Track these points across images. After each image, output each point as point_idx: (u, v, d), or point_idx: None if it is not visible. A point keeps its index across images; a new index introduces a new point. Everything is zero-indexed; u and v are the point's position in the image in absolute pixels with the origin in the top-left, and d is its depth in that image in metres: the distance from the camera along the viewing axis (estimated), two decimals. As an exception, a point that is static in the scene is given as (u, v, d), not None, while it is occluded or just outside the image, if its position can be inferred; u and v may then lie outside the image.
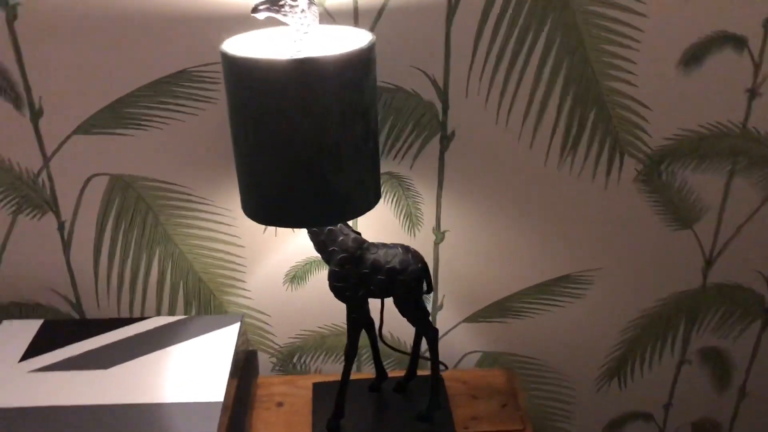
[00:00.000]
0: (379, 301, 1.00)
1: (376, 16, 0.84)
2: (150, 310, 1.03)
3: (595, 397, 1.15)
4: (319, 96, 0.67)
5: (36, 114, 0.88)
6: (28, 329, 0.94)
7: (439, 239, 1.00)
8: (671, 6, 0.85)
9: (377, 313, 1.01)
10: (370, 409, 0.96)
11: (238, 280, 1.01)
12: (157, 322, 0.95)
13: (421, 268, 0.84)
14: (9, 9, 0.82)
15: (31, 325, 0.95)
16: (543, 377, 1.13)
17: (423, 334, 0.90)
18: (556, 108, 0.91)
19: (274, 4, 0.69)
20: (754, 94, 0.92)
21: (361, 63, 0.69)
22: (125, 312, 1.03)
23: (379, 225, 0.98)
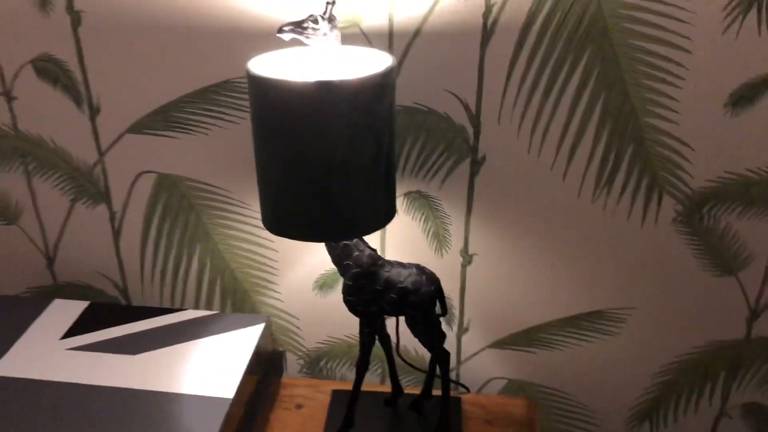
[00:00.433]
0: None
1: (410, 39, 0.86)
2: (189, 301, 1.09)
3: (625, 438, 1.12)
4: (329, 117, 0.69)
5: (94, 112, 0.95)
6: (75, 309, 1.02)
7: (467, 262, 1.00)
8: (719, 44, 0.81)
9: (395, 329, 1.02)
10: (382, 423, 0.98)
11: (270, 282, 1.05)
12: (189, 315, 1.01)
13: (433, 290, 0.85)
14: (74, 15, 0.89)
15: (78, 306, 1.02)
16: (570, 411, 1.10)
17: (434, 356, 0.90)
18: (592, 141, 0.89)
19: (298, 26, 0.72)
20: (810, 141, 0.86)
21: (374, 88, 0.70)
22: (167, 301, 1.09)
23: (406, 243, 0.99)
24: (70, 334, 0.97)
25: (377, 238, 0.99)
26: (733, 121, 0.86)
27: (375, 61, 0.78)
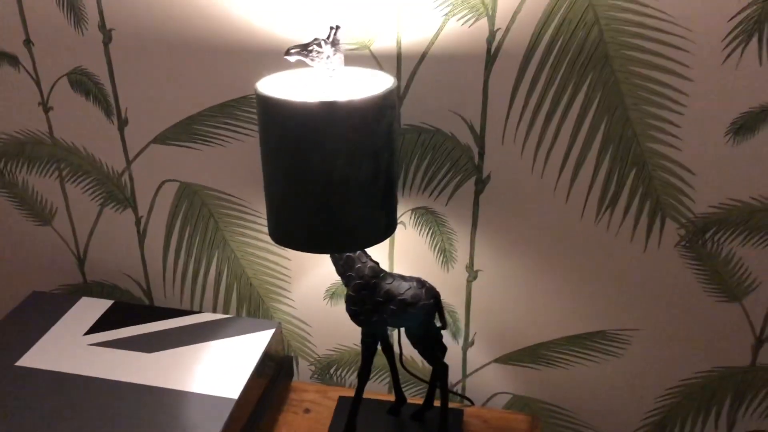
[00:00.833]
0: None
1: (418, 62, 0.89)
2: (207, 305, 1.14)
3: (629, 460, 1.12)
4: (329, 136, 0.73)
5: (122, 123, 1.02)
6: (100, 307, 1.08)
7: (472, 277, 1.02)
8: (719, 73, 0.83)
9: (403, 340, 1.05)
10: (384, 431, 1.00)
11: (283, 289, 1.09)
12: (205, 317, 1.06)
13: (432, 304, 0.88)
14: (106, 33, 0.96)
15: (103, 304, 1.09)
16: (574, 430, 1.11)
17: (433, 368, 0.93)
18: (594, 164, 0.90)
19: (304, 49, 0.76)
20: (814, 170, 0.86)
21: (373, 109, 0.74)
22: (187, 303, 1.15)
23: (414, 257, 1.02)
24: (93, 330, 1.03)
25: (386, 251, 1.03)
26: (736, 149, 0.86)
27: (379, 82, 0.82)
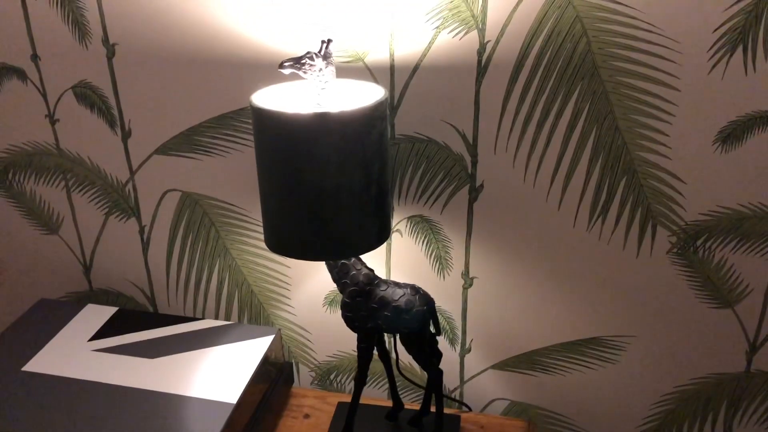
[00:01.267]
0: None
1: (410, 73, 0.91)
2: (210, 312, 1.16)
3: (627, 466, 1.13)
4: (321, 146, 0.75)
5: (126, 134, 1.04)
6: (104, 314, 1.10)
7: (468, 284, 1.04)
8: (706, 83, 0.84)
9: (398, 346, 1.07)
10: (381, 435, 1.02)
11: (283, 296, 1.11)
12: (206, 324, 1.08)
13: (426, 310, 0.89)
14: (109, 47, 0.99)
15: (107, 311, 1.11)
16: (572, 436, 1.12)
17: (428, 374, 0.94)
18: (585, 173, 0.92)
19: (297, 62, 0.78)
20: (803, 178, 0.87)
21: (363, 120, 0.76)
22: (190, 311, 1.17)
23: (410, 265, 1.04)
24: (97, 336, 1.05)
25: (383, 259, 1.05)
26: (724, 157, 0.88)
27: (371, 94, 0.84)
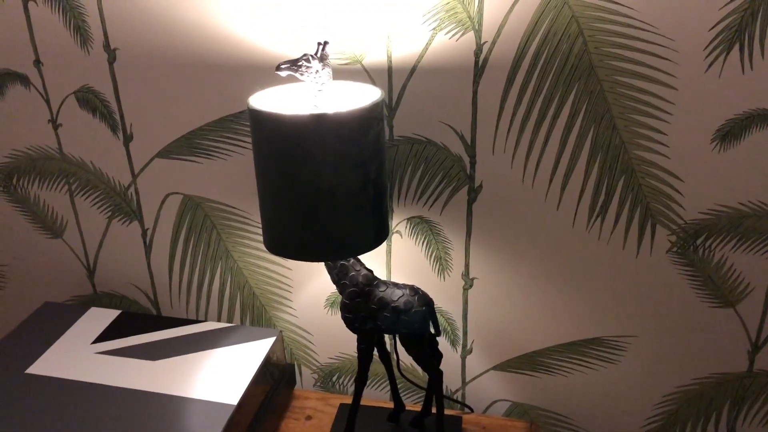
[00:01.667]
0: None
1: (408, 75, 0.91)
2: (212, 314, 1.17)
3: (630, 467, 1.12)
4: (316, 147, 0.76)
5: (128, 138, 1.05)
6: (107, 317, 1.11)
7: (468, 285, 1.04)
8: (702, 82, 0.84)
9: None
10: (383, 437, 1.02)
11: (285, 298, 1.12)
12: (208, 326, 1.09)
13: (425, 311, 0.89)
14: (110, 52, 1.00)
15: (110, 314, 1.12)
16: (575, 437, 1.12)
17: (428, 374, 0.94)
18: (583, 173, 0.92)
19: (294, 64, 0.79)
20: (802, 176, 0.87)
21: (359, 121, 0.76)
22: (192, 313, 1.18)
23: (410, 266, 1.04)
24: (100, 339, 1.06)
25: (383, 260, 1.05)
26: (722, 156, 0.87)
27: (368, 95, 0.84)
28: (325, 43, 0.79)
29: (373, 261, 1.06)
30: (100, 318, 1.11)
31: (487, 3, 0.86)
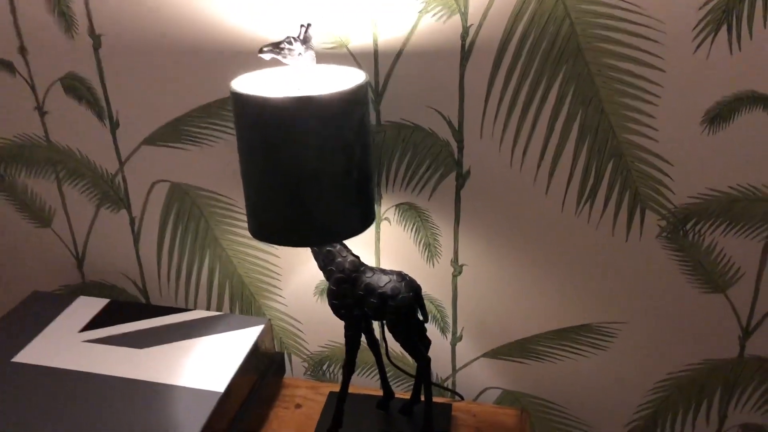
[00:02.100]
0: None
1: (394, 58, 0.91)
2: (201, 303, 1.16)
3: (622, 455, 1.12)
4: (299, 131, 0.75)
5: (114, 125, 1.05)
6: (96, 305, 1.11)
7: (457, 272, 1.03)
8: (691, 63, 0.83)
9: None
10: (372, 425, 1.02)
11: (274, 286, 1.11)
12: (197, 315, 1.08)
13: (412, 297, 0.89)
14: (95, 38, 0.99)
15: (99, 302, 1.11)
16: (566, 425, 1.11)
17: (416, 362, 0.94)
18: (572, 157, 0.91)
19: (276, 47, 0.78)
20: (792, 159, 0.86)
21: (342, 104, 0.76)
22: (182, 302, 1.17)
23: (399, 253, 1.03)
24: (88, 327, 1.05)
25: (372, 247, 1.04)
26: (712, 139, 0.87)
27: (352, 79, 0.83)
28: (308, 25, 0.78)
29: (362, 248, 1.05)
30: (89, 307, 1.11)
31: (473, -15, 0.85)
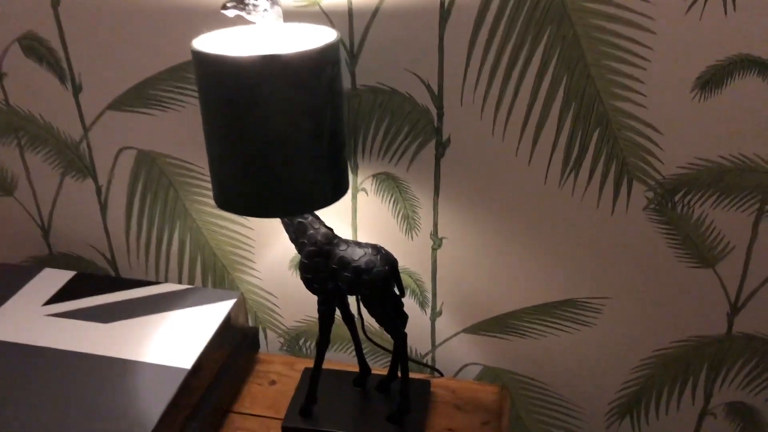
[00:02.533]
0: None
1: (370, 17, 0.85)
2: (173, 276, 1.12)
3: (604, 433, 1.09)
4: (264, 93, 0.70)
5: (77, 89, 0.99)
6: (61, 278, 1.06)
7: (437, 245, 0.99)
8: (683, 24, 0.78)
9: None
10: (348, 401, 0.98)
11: (247, 259, 1.07)
12: (167, 288, 1.04)
13: (387, 271, 0.85)
14: (53, -5, 0.93)
15: (64, 275, 1.07)
16: (549, 402, 1.08)
17: (392, 337, 0.90)
18: (556, 125, 0.87)
19: (240, 2, 0.73)
20: (787, 127, 0.82)
21: (309, 64, 0.71)
22: (152, 274, 1.13)
23: (376, 225, 0.99)
24: (51, 301, 1.01)
25: (348, 219, 1.00)
26: (703, 105, 0.82)
27: (323, 37, 0.78)
28: (275, -21, 0.73)
29: (338, 220, 1.01)
30: (54, 279, 1.06)
31: (453, -61, 0.79)
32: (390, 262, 0.85)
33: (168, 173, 1.02)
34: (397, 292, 0.89)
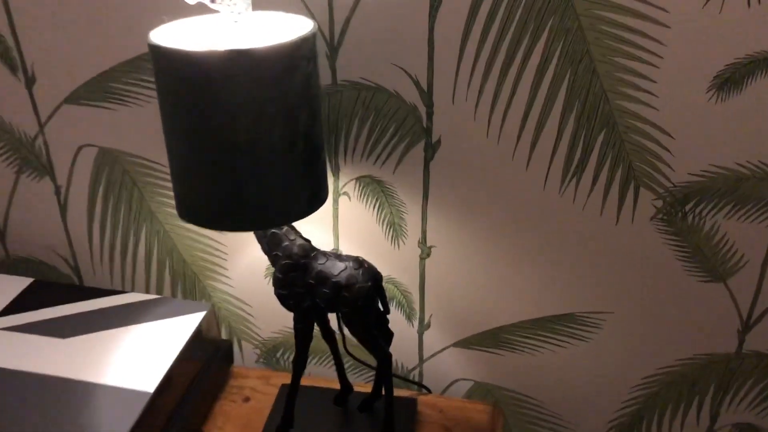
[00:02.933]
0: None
1: (353, 5, 0.77)
2: (140, 284, 1.03)
3: (603, 453, 1.02)
4: (230, 92, 0.62)
5: (30, 81, 0.90)
6: (16, 286, 0.97)
7: (425, 254, 0.91)
8: (701, 18, 0.70)
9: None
10: (328, 423, 0.91)
11: (219, 266, 0.99)
12: (132, 298, 0.95)
13: (370, 287, 0.77)
14: (0, -24, 0.84)
15: (20, 282, 0.98)
16: (543, 421, 1.01)
17: (375, 358, 0.82)
18: (557, 126, 0.79)
19: (203, -12, 0.64)
20: (812, 132, 0.74)
21: (282, 60, 0.62)
22: (117, 282, 1.04)
23: (360, 233, 0.91)
24: (4, 312, 0.93)
25: (329, 227, 0.92)
26: (720, 107, 0.74)
27: (298, 28, 0.70)
28: (242, -38, 0.64)
29: (318, 228, 0.92)
30: (8, 287, 0.98)
31: None
32: (373, 276, 0.78)
33: (131, 173, 0.94)
34: (382, 309, 0.81)
